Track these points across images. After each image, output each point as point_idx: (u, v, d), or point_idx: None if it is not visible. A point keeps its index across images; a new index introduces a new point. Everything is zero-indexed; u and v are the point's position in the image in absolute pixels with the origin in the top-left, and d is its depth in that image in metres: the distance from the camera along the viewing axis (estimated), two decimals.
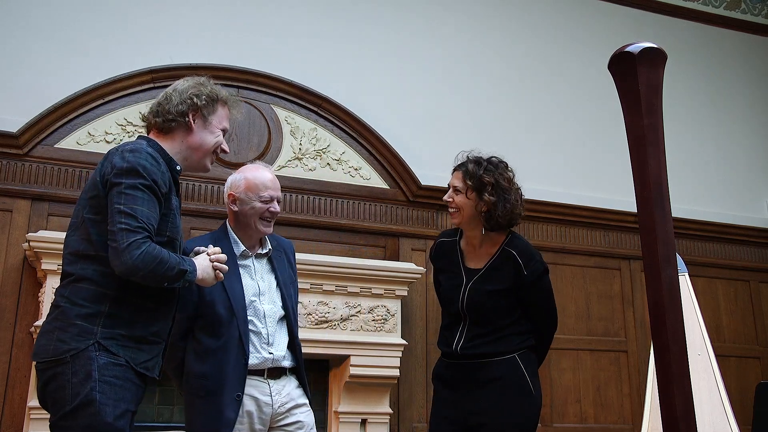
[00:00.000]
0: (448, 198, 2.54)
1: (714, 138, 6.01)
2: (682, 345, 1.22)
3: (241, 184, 2.48)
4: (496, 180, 2.46)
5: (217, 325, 2.37)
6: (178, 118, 2.08)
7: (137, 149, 1.95)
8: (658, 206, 1.25)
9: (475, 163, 2.52)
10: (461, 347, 2.46)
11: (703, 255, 5.57)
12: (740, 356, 5.45)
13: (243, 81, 4.58)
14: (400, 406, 4.43)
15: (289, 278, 2.56)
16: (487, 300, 2.45)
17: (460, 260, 2.56)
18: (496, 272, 2.48)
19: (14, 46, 4.26)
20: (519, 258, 2.47)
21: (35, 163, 4.07)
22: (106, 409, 1.80)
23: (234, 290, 2.40)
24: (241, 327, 2.37)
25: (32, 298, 3.89)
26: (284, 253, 2.61)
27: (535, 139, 5.37)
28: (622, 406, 5.05)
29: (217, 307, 2.38)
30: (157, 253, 1.86)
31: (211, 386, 2.32)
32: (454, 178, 2.55)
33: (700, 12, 6.26)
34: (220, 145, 2.15)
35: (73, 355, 1.82)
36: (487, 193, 2.44)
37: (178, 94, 2.10)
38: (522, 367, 2.42)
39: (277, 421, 2.41)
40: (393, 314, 4.27)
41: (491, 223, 2.47)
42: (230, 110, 2.20)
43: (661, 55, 1.29)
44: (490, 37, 5.49)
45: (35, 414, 3.55)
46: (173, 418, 4.00)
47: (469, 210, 2.48)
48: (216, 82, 2.22)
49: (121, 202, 1.86)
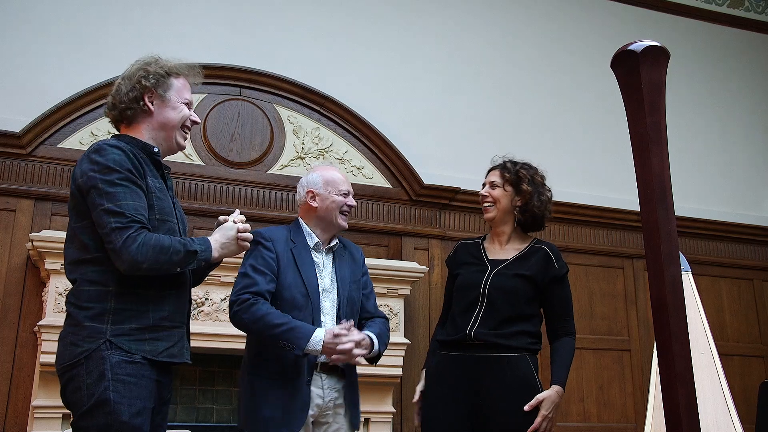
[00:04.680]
0: (484, 193, 2.62)
1: (718, 136, 6.00)
2: (686, 344, 1.22)
3: (319, 180, 2.61)
4: (531, 176, 2.59)
5: (292, 309, 2.42)
6: (133, 104, 2.03)
7: (100, 148, 1.92)
8: (661, 205, 1.25)
9: (511, 162, 2.65)
10: (476, 331, 2.43)
11: (706, 254, 5.56)
12: (744, 355, 5.44)
13: (245, 80, 4.58)
14: (403, 406, 4.42)
15: (351, 276, 2.59)
16: (512, 281, 2.48)
17: (484, 254, 2.61)
18: (524, 261, 2.53)
19: (17, 46, 4.27)
20: (551, 252, 2.55)
21: (38, 163, 4.08)
22: (122, 408, 1.80)
23: (310, 279, 2.47)
24: (315, 313, 2.43)
25: (36, 298, 3.89)
26: (349, 253, 2.66)
27: (538, 137, 5.37)
28: (625, 405, 5.05)
29: (293, 291, 2.44)
30: (155, 242, 1.85)
31: (287, 369, 2.36)
32: (491, 175, 2.65)
33: (703, 10, 6.24)
34: (187, 118, 2.09)
35: (86, 356, 1.83)
36: (525, 184, 2.55)
37: (126, 81, 2.05)
38: (531, 366, 2.44)
39: (324, 416, 2.44)
40: (396, 313, 4.27)
41: (525, 215, 2.57)
42: (187, 79, 2.13)
43: (664, 54, 1.29)
44: (493, 35, 5.48)
45: (39, 413, 3.56)
46: (177, 417, 4.00)
47: (506, 202, 2.57)
48: (218, 82, 2.21)
49: (104, 202, 1.85)
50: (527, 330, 2.47)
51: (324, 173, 2.64)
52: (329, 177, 2.62)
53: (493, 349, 2.41)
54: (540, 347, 2.53)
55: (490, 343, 2.42)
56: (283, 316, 2.35)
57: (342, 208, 2.59)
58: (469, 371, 2.43)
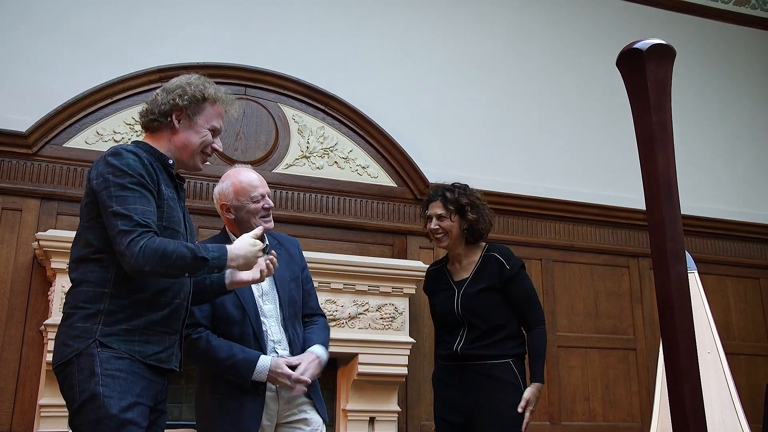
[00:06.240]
0: (435, 226, 2.85)
1: (724, 135, 5.98)
2: (692, 343, 1.22)
3: (229, 191, 2.52)
4: (471, 201, 2.83)
5: (230, 324, 2.41)
6: (161, 118, 2.09)
7: (117, 151, 1.97)
8: (666, 203, 1.24)
9: (449, 191, 2.87)
10: (461, 348, 2.73)
11: (712, 252, 5.54)
12: (750, 354, 5.43)
13: (250, 79, 4.58)
14: (409, 405, 4.42)
15: (290, 274, 2.58)
16: (478, 299, 2.75)
17: (449, 278, 2.89)
18: (481, 274, 2.80)
19: (22, 46, 4.28)
20: (500, 257, 2.80)
21: (44, 163, 4.09)
22: (111, 402, 1.81)
23: (243, 289, 2.42)
24: (254, 324, 2.43)
25: (42, 297, 3.91)
26: (285, 249, 2.63)
27: (544, 136, 5.36)
28: (631, 404, 5.04)
29: (228, 306, 2.42)
30: (158, 246, 1.85)
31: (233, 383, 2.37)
32: (434, 207, 2.87)
33: (709, 8, 6.22)
34: (208, 145, 2.13)
35: (77, 355, 1.86)
36: (469, 213, 2.80)
37: (164, 94, 2.11)
38: (515, 371, 2.70)
39: (285, 417, 2.45)
40: (401, 312, 4.27)
41: (475, 236, 2.83)
42: (223, 108, 2.16)
43: (670, 52, 1.28)
44: (498, 35, 5.47)
45: (45, 412, 3.58)
46: (182, 416, 4.01)
47: (456, 230, 2.83)
48: (223, 81, 2.21)
49: (113, 204, 1.88)
50: (508, 335, 2.74)
51: (233, 181, 2.53)
52: (240, 186, 2.51)
53: (480, 359, 2.71)
54: (524, 350, 2.78)
55: (477, 355, 2.71)
56: (226, 348, 2.36)
57: (260, 213, 2.51)
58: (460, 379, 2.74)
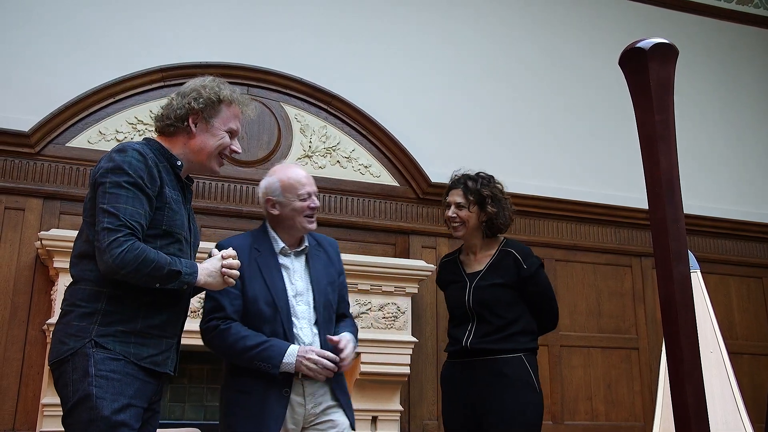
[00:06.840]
0: (452, 214, 2.76)
1: (726, 134, 5.97)
2: (694, 342, 1.22)
3: (276, 186, 2.51)
4: (492, 192, 2.74)
5: (261, 322, 2.38)
6: (177, 123, 2.08)
7: (124, 149, 1.95)
8: (669, 203, 1.24)
9: (472, 180, 2.78)
10: (471, 342, 2.65)
11: (715, 252, 5.53)
12: (753, 354, 5.42)
13: (253, 79, 4.59)
14: (411, 404, 4.43)
15: (327, 277, 2.54)
16: (490, 293, 2.67)
17: (462, 270, 2.81)
18: (496, 269, 2.72)
19: (25, 45, 4.29)
20: (518, 255, 2.72)
21: (47, 162, 4.09)
22: (103, 403, 1.81)
23: (276, 287, 2.41)
24: (286, 323, 2.39)
25: (45, 296, 3.91)
26: (324, 252, 2.60)
27: (546, 136, 5.36)
28: (633, 404, 5.03)
29: (260, 303, 2.39)
30: (140, 253, 1.84)
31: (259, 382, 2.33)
32: (454, 195, 2.78)
33: (712, 7, 6.21)
34: (226, 147, 2.13)
35: (72, 353, 1.85)
36: (489, 206, 2.71)
37: (180, 98, 2.10)
38: (528, 366, 2.61)
39: (311, 422, 2.41)
40: (403, 312, 4.27)
41: (493, 230, 2.76)
42: (240, 109, 2.16)
43: (673, 51, 1.28)
44: (500, 34, 5.47)
45: (48, 411, 3.58)
46: (185, 416, 4.01)
47: (473, 221, 2.74)
48: (226, 81, 2.20)
49: (104, 201, 1.87)
50: (520, 330, 2.66)
51: (282, 176, 2.52)
52: (287, 182, 2.50)
53: (490, 354, 2.62)
54: (537, 344, 2.72)
55: (486, 350, 2.63)
56: (255, 337, 2.33)
57: (305, 212, 2.49)
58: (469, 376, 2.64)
